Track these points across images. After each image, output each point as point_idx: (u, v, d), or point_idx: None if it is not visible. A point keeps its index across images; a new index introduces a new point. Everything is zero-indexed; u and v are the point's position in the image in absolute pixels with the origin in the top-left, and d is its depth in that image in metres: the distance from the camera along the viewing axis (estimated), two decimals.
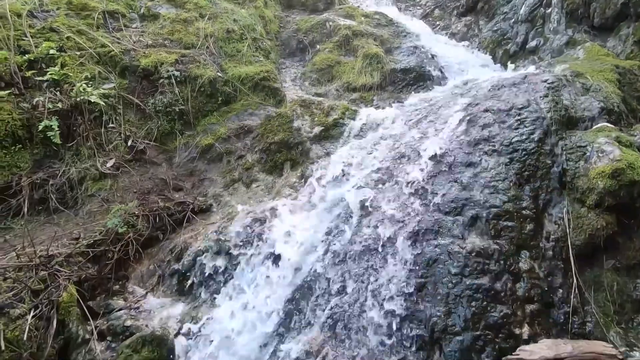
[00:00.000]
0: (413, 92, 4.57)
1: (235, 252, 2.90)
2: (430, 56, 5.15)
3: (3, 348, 2.20)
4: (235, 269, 2.84)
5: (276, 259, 2.77)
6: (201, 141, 3.97)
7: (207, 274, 2.89)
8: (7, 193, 3.23)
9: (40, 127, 3.33)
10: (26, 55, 3.59)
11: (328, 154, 3.74)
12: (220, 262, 2.91)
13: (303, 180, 3.54)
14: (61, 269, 2.68)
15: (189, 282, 2.91)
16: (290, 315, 2.43)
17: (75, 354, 2.43)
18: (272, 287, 2.64)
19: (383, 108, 4.18)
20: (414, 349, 2.05)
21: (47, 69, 3.59)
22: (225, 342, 2.43)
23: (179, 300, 2.86)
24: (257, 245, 2.89)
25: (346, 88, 4.73)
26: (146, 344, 2.25)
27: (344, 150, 3.56)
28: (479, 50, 5.79)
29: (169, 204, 3.41)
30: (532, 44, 5.19)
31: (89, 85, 3.61)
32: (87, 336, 2.50)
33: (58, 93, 3.60)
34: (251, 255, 2.85)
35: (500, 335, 2.02)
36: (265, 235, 2.94)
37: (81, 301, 2.62)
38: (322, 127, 3.97)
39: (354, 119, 4.03)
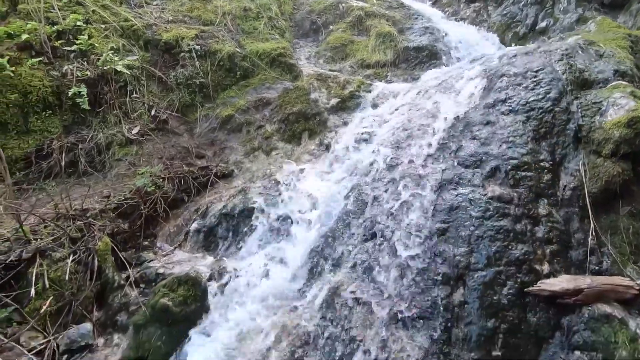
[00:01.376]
0: (426, 70, 4.67)
1: (258, 209, 3.01)
2: (442, 36, 5.24)
3: (47, 286, 2.32)
4: (258, 225, 2.95)
5: (299, 213, 2.88)
6: (221, 112, 4.09)
7: (231, 230, 3.00)
8: (39, 156, 3.36)
9: (70, 93, 3.46)
10: (54, 27, 3.72)
11: (345, 124, 3.85)
12: (244, 219, 3.02)
13: (322, 147, 3.65)
14: (95, 221, 2.80)
15: (215, 237, 3.03)
16: (316, 263, 2.53)
17: (112, 297, 2.55)
18: (297, 239, 2.76)
19: (397, 83, 4.29)
20: (438, 284, 2.15)
21: (75, 40, 3.72)
22: (252, 287, 2.54)
23: (205, 254, 2.97)
24: (281, 202, 3.01)
25: (360, 65, 4.84)
26: (182, 283, 2.35)
27: (362, 118, 3.67)
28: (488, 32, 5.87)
29: (192, 169, 3.53)
30: (542, 24, 5.27)
31: (115, 56, 3.73)
32: (122, 282, 2.62)
33: (85, 63, 3.74)
34: (275, 211, 2.96)
35: (521, 270, 2.12)
36: (288, 193, 3.06)
37: (116, 250, 2.74)
38: (339, 99, 4.07)
39: (369, 91, 4.14)
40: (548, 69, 3.02)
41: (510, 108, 2.92)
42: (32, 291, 2.19)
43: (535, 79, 2.99)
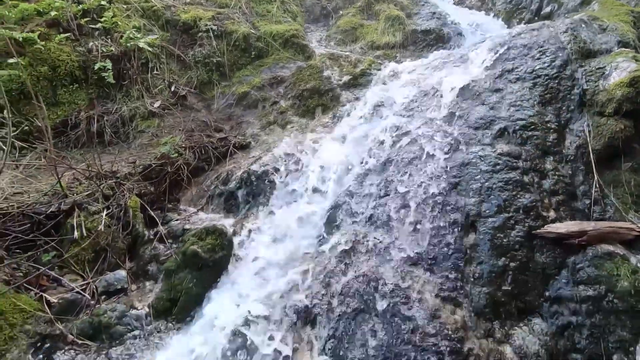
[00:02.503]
0: (434, 52, 4.81)
1: (277, 173, 3.16)
2: (449, 21, 5.38)
3: (85, 234, 2.48)
4: (277, 188, 3.11)
5: (317, 176, 3.03)
6: (237, 89, 4.25)
7: (251, 194, 3.16)
8: (67, 126, 3.53)
9: (96, 67, 3.63)
10: (80, 5, 3.90)
11: (357, 99, 4.00)
12: (264, 183, 3.18)
13: (335, 119, 3.81)
14: (125, 182, 2.97)
15: (235, 201, 3.19)
16: (333, 217, 2.69)
17: (142, 250, 2.71)
18: (315, 199, 2.91)
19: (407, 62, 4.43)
20: (451, 231, 2.30)
21: (99, 18, 3.89)
22: (274, 241, 2.69)
23: (227, 216, 3.13)
24: (299, 166, 3.16)
25: (370, 47, 4.99)
26: (209, 233, 2.51)
27: (374, 92, 3.82)
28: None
29: (212, 140, 3.69)
30: (547, 9, 5.39)
31: (137, 33, 3.91)
32: (151, 237, 2.79)
33: (109, 40, 3.91)
34: (293, 174, 3.12)
35: (529, 216, 2.26)
36: (306, 158, 3.22)
37: (145, 208, 2.91)
38: (351, 76, 4.23)
39: (379, 69, 4.29)
40: (553, 40, 3.17)
41: (518, 76, 3.06)
42: (76, 234, 2.36)
43: (541, 49, 3.13)
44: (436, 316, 1.98)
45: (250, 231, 2.82)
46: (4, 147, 2.81)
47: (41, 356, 1.92)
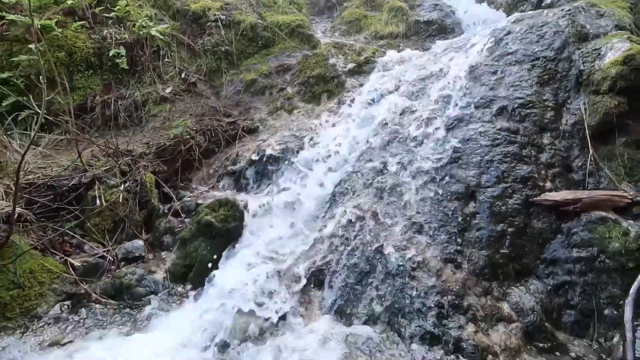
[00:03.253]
0: (436, 41, 4.92)
1: (285, 153, 3.29)
2: (451, 12, 5.50)
3: (104, 205, 2.62)
4: (285, 167, 3.24)
5: (323, 155, 3.16)
6: (245, 77, 4.38)
7: (260, 173, 3.29)
8: (83, 109, 3.68)
9: (111, 54, 3.77)
10: None
11: (362, 85, 4.11)
12: (272, 163, 3.30)
13: (341, 104, 3.93)
14: (140, 160, 3.11)
15: (245, 180, 3.32)
16: (340, 191, 2.81)
17: (158, 223, 2.85)
18: (322, 176, 3.03)
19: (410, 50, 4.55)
20: (453, 200, 2.42)
21: (113, 8, 4.04)
22: (282, 214, 2.82)
23: (238, 193, 3.26)
24: (306, 146, 3.29)
25: (374, 37, 5.11)
26: (222, 205, 2.65)
27: (378, 78, 3.94)
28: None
29: (221, 123, 3.83)
30: (548, 1, 5.49)
31: (150, 22, 4.05)
32: (166, 211, 2.93)
33: (122, 28, 4.06)
34: (301, 154, 3.24)
35: (526, 186, 2.38)
36: (313, 139, 3.34)
37: (159, 184, 3.04)
38: (355, 64, 4.35)
39: (383, 57, 4.41)
40: (552, 24, 3.28)
41: (517, 59, 3.17)
42: (98, 202, 2.50)
43: (540, 33, 3.25)
44: (438, 276, 2.10)
45: (260, 206, 2.95)
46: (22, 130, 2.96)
47: (68, 312, 2.06)
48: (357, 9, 5.55)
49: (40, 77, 2.85)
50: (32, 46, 3.50)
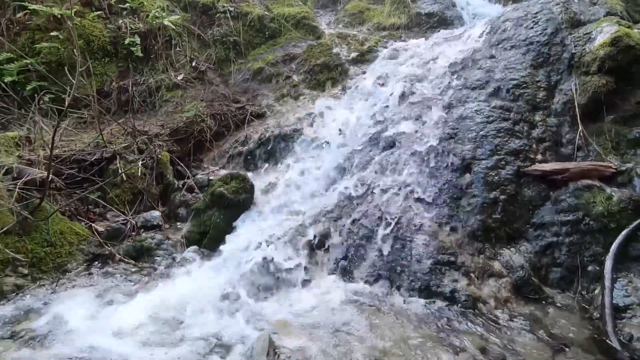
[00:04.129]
0: (437, 32, 5.08)
1: (293, 134, 3.47)
2: (451, 5, 5.65)
3: (125, 179, 2.82)
4: (293, 147, 3.42)
5: (329, 136, 3.34)
6: (252, 66, 4.57)
7: (269, 153, 3.48)
8: (100, 94, 3.88)
9: (126, 42, 3.98)
10: None
11: (365, 72, 4.29)
12: (280, 143, 3.49)
13: (344, 91, 4.10)
14: (155, 139, 3.30)
15: (254, 159, 3.51)
16: (344, 167, 2.99)
17: (173, 196, 3.04)
18: (328, 155, 3.21)
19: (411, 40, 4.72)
20: (450, 171, 2.59)
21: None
22: (290, 189, 3.00)
23: (246, 172, 3.44)
24: (313, 128, 3.47)
25: (376, 28, 5.28)
26: (234, 178, 2.83)
27: (381, 65, 4.12)
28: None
29: (231, 108, 4.02)
30: None
31: (163, 12, 4.24)
32: (180, 186, 3.12)
33: (136, 18, 4.26)
34: (308, 134, 3.43)
35: (518, 158, 2.54)
36: (319, 121, 3.52)
37: (174, 162, 3.24)
38: (358, 53, 4.53)
39: (385, 47, 4.58)
40: (546, 11, 3.43)
41: (512, 44, 3.34)
42: (120, 170, 2.69)
43: (534, 19, 3.40)
44: (434, 237, 2.27)
45: (269, 183, 3.14)
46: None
47: (94, 269, 2.25)
48: (360, 1, 5.73)
49: (75, 56, 3.06)
50: (54, 34, 3.71)
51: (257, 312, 1.86)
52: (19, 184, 2.13)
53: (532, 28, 3.36)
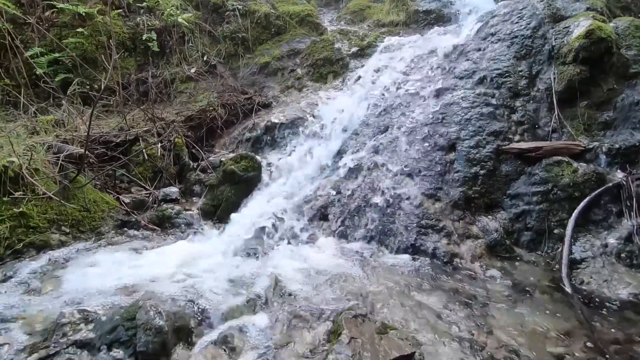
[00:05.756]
0: (434, 28, 5.37)
1: (297, 120, 3.79)
2: (449, 2, 5.93)
3: (146, 158, 3.15)
4: (296, 133, 3.74)
5: (329, 122, 3.65)
6: (259, 60, 4.90)
7: (275, 138, 3.80)
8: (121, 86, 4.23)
9: (144, 38, 4.32)
10: None
11: (364, 65, 4.60)
12: (286, 129, 3.81)
13: (345, 83, 4.42)
14: (172, 125, 3.64)
15: (261, 144, 3.83)
16: (343, 148, 3.30)
17: (188, 175, 3.37)
18: (329, 139, 3.53)
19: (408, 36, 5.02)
20: (436, 150, 2.89)
21: None
22: (294, 169, 3.32)
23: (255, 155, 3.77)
24: (316, 115, 3.79)
25: (376, 25, 5.59)
26: (243, 158, 3.16)
27: (379, 59, 4.42)
28: None
29: (239, 99, 4.35)
30: None
31: (177, 10, 4.59)
32: (195, 167, 3.45)
33: (152, 16, 4.61)
34: (311, 120, 3.74)
35: (498, 138, 2.84)
36: (321, 109, 3.84)
37: (188, 146, 3.57)
38: (358, 48, 4.84)
39: (384, 42, 4.89)
40: (530, 7, 3.72)
41: (499, 38, 3.63)
42: (143, 151, 3.03)
43: (519, 15, 3.69)
44: (420, 205, 2.58)
45: (275, 164, 3.46)
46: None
47: (124, 232, 2.59)
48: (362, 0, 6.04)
49: (110, 45, 3.41)
50: (79, 30, 4.07)
51: (266, 261, 2.18)
52: (61, 157, 2.47)
53: (517, 23, 3.64)
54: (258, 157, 3.39)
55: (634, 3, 4.09)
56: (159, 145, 3.31)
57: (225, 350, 1.47)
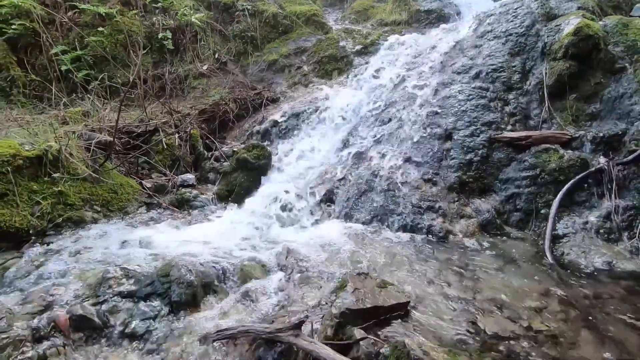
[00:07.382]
0: (435, 27, 5.59)
1: (304, 113, 4.03)
2: (450, 2, 6.15)
3: (165, 147, 3.41)
4: (303, 125, 3.98)
5: (335, 114, 3.89)
6: (268, 58, 5.15)
7: (283, 129, 4.04)
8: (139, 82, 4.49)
9: (160, 37, 4.58)
10: None
11: (368, 62, 4.83)
12: (293, 121, 4.05)
13: (349, 79, 4.65)
14: (188, 117, 3.89)
15: (270, 136, 4.07)
16: (347, 140, 3.54)
17: (203, 164, 3.62)
18: (334, 130, 3.76)
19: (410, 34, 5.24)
20: (435, 140, 3.11)
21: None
22: (300, 157, 3.56)
23: None
24: (322, 108, 4.02)
25: (379, 24, 5.83)
26: (255, 147, 3.40)
27: (382, 55, 4.65)
28: None
29: (249, 94, 4.60)
30: None
31: (190, 10, 4.85)
32: (209, 156, 3.70)
33: (167, 16, 4.87)
34: (317, 113, 3.98)
35: (491, 128, 3.06)
36: (327, 103, 4.07)
37: (203, 137, 3.82)
38: (362, 46, 5.07)
39: (387, 40, 5.11)
40: (524, 6, 3.93)
41: (495, 35, 3.84)
42: (163, 140, 3.28)
43: (514, 14, 3.90)
44: (419, 188, 2.81)
45: (284, 153, 3.70)
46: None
47: (148, 211, 2.84)
48: (365, 0, 6.27)
49: (134, 43, 3.66)
50: (99, 29, 4.33)
51: (278, 235, 2.42)
52: (93, 143, 2.73)
53: (512, 21, 3.86)
54: (268, 147, 3.64)
55: (625, 2, 4.29)
56: (177, 135, 3.56)
57: (245, 302, 1.71)
